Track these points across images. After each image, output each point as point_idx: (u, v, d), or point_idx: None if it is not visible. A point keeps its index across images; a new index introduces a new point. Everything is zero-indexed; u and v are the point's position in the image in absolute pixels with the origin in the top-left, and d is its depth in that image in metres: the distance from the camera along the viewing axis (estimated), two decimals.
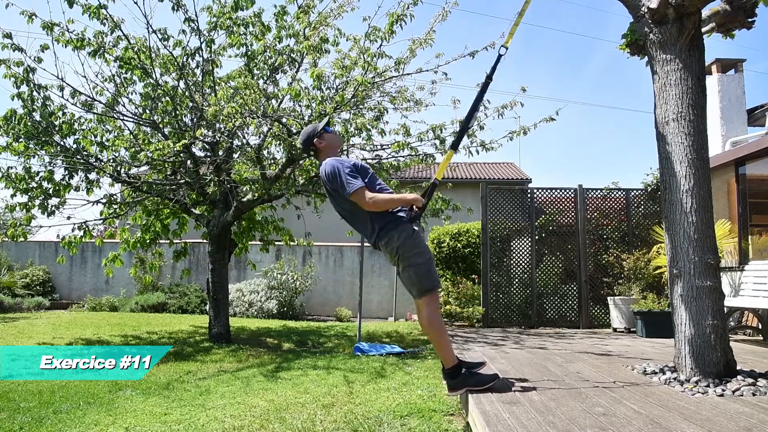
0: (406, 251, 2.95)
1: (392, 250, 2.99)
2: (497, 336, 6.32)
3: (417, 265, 2.94)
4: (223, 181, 6.32)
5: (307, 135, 3.25)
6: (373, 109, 6.45)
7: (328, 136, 3.23)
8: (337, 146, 3.25)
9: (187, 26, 6.16)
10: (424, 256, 2.97)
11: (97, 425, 3.04)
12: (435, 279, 2.98)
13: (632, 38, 4.13)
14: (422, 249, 2.99)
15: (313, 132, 3.23)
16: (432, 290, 2.96)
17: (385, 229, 2.98)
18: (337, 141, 3.28)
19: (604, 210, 7.87)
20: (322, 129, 3.21)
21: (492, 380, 3.00)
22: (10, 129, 6.16)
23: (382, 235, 2.99)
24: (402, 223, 2.98)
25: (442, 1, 17.91)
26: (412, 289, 3.01)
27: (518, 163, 23.27)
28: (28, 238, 6.78)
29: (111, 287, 12.24)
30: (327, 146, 3.21)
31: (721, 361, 3.33)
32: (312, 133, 3.23)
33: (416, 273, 2.95)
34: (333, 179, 3.03)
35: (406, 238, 2.95)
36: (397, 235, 2.95)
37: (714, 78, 8.80)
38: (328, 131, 3.24)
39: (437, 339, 3.00)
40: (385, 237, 2.99)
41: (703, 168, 3.54)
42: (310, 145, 3.25)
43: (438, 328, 2.97)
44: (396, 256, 3.00)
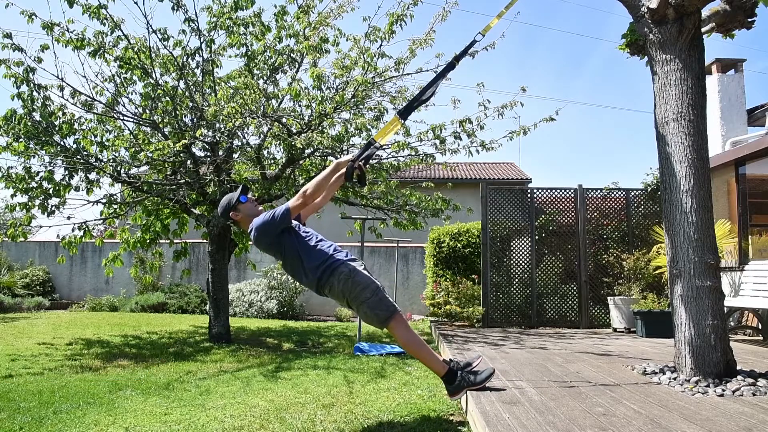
0: (350, 292, 2.95)
1: (338, 294, 3.01)
2: (497, 336, 6.32)
3: (366, 300, 2.94)
4: (223, 181, 6.32)
5: (224, 208, 3.19)
6: (373, 109, 6.45)
7: (243, 206, 3.15)
8: (255, 214, 3.14)
9: (187, 26, 6.17)
10: (369, 289, 2.95)
11: (97, 425, 3.04)
12: (388, 305, 2.96)
13: (632, 38, 4.14)
14: (366, 283, 2.96)
15: (228, 205, 3.16)
16: (391, 316, 2.94)
17: (323, 278, 2.98)
18: (254, 210, 3.17)
19: (604, 210, 7.87)
20: (237, 201, 3.15)
21: (489, 376, 3.02)
22: (10, 129, 6.16)
23: (323, 285, 3.01)
24: (336, 267, 2.97)
25: (442, 1, 17.90)
26: (373, 323, 3.02)
27: (518, 163, 23.30)
28: (28, 238, 6.78)
29: (111, 287, 12.24)
30: (244, 216, 3.15)
31: (721, 361, 3.34)
32: (227, 207, 3.17)
33: (368, 307, 2.95)
34: (265, 230, 2.99)
35: (345, 281, 2.95)
36: (336, 280, 2.96)
37: (714, 78, 8.80)
38: (243, 201, 3.16)
39: (419, 356, 3.02)
40: (326, 285, 3.00)
41: (703, 168, 3.54)
42: (227, 219, 3.23)
43: (416, 346, 2.98)
44: (344, 299, 3.02)
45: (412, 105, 3.38)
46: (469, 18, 55.27)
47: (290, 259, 3.04)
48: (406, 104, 3.42)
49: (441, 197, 7.22)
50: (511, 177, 17.53)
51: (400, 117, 3.26)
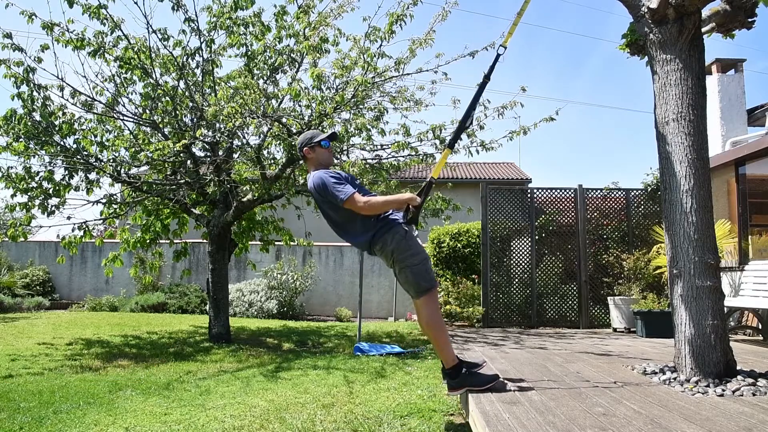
0: (401, 253, 2.96)
1: (387, 253, 3.01)
2: (497, 336, 6.32)
3: (413, 265, 2.95)
4: (223, 181, 6.32)
5: (302, 140, 3.23)
6: (373, 109, 6.45)
7: (321, 150, 3.19)
8: (327, 163, 3.17)
9: (187, 26, 6.17)
10: (419, 257, 2.98)
11: (97, 425, 3.04)
12: (432, 278, 2.99)
13: (632, 38, 4.13)
14: (417, 250, 2.99)
15: (308, 140, 3.20)
16: (430, 290, 2.96)
17: (378, 234, 2.98)
18: (328, 158, 3.21)
19: (604, 210, 7.87)
20: (317, 141, 3.18)
21: (492, 380, 3.00)
22: (10, 129, 6.16)
23: (376, 240, 3.00)
24: (394, 226, 2.99)
25: (442, 1, 17.91)
26: (410, 290, 3.02)
27: (518, 163, 23.29)
28: (28, 238, 6.79)
29: (111, 287, 12.24)
30: (315, 159, 3.18)
31: (721, 361, 3.33)
32: (305, 141, 3.20)
33: (413, 273, 2.96)
34: (323, 191, 3.03)
35: (399, 240, 2.96)
36: (390, 237, 2.97)
37: (714, 78, 8.80)
38: (324, 145, 3.19)
39: (437, 339, 3.00)
40: (379, 242, 3.00)
41: (703, 168, 3.54)
42: (300, 150, 3.25)
43: (438, 328, 2.97)
44: (391, 258, 3.02)
45: (458, 134, 3.42)
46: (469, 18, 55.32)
47: (347, 213, 3.02)
48: (452, 136, 3.46)
49: (441, 197, 7.21)
50: (511, 177, 17.53)
51: (449, 148, 3.35)
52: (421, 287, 2.96)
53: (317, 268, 11.55)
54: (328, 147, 3.23)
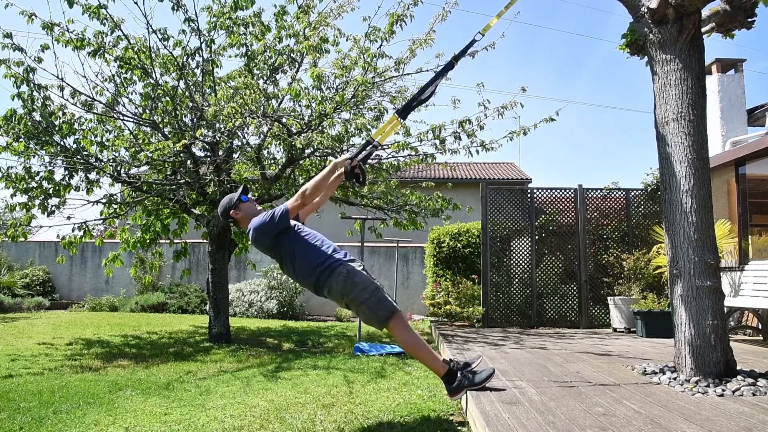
0: (349, 293, 2.94)
1: (337, 296, 3.00)
2: (497, 336, 6.32)
3: (365, 300, 2.93)
4: (223, 181, 6.32)
5: (224, 207, 3.19)
6: (373, 109, 6.45)
7: (244, 205, 3.16)
8: (255, 213, 3.14)
9: (187, 26, 6.17)
10: (368, 290, 2.94)
11: (97, 425, 3.04)
12: (388, 305, 2.95)
13: (632, 38, 4.14)
14: (364, 284, 2.95)
15: (229, 204, 3.17)
16: (391, 316, 2.93)
17: (321, 279, 2.97)
18: (254, 209, 3.18)
19: (604, 210, 7.86)
20: (238, 200, 3.16)
21: (489, 376, 3.01)
22: (10, 129, 6.16)
23: (322, 286, 3.00)
24: (335, 269, 2.95)
25: (442, 1, 17.90)
26: (372, 323, 3.01)
27: (518, 163, 23.29)
28: (28, 238, 6.78)
29: (111, 287, 12.24)
30: (244, 216, 3.15)
31: (721, 361, 3.34)
32: (228, 206, 3.17)
33: (368, 307, 2.94)
34: (263, 229, 2.99)
35: (344, 282, 2.93)
36: (334, 282, 2.95)
37: (714, 78, 8.80)
38: (244, 200, 3.17)
39: (419, 356, 3.01)
40: (326, 287, 2.99)
41: (703, 168, 3.54)
42: (228, 218, 3.21)
43: (415, 346, 2.96)
44: (343, 300, 3.01)
45: (411, 104, 3.38)
46: (469, 18, 55.31)
47: (289, 260, 3.03)
48: (405, 103, 3.42)
49: (441, 197, 7.22)
50: (511, 177, 17.53)
51: (399, 116, 3.26)
52: (381, 317, 2.94)
53: None
54: (248, 200, 3.20)
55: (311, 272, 2.99)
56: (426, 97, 3.34)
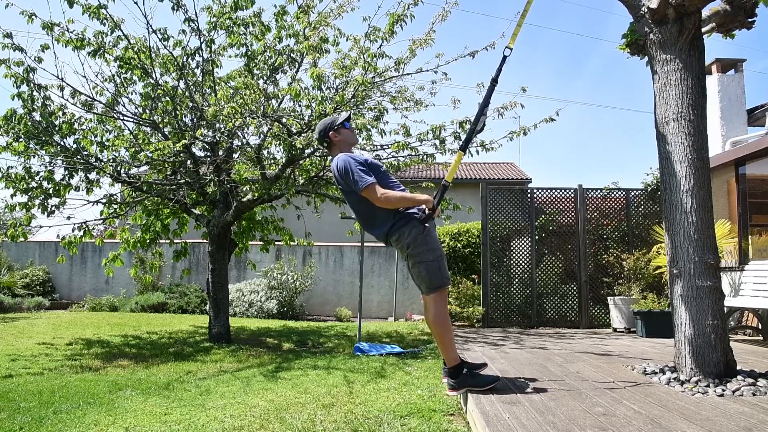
0: (417, 247, 2.95)
1: (403, 246, 3.00)
2: (497, 336, 6.31)
3: (427, 261, 2.95)
4: (223, 181, 6.32)
5: (325, 126, 3.22)
6: (373, 109, 6.45)
7: (345, 131, 3.20)
8: (353, 143, 3.21)
9: (187, 26, 6.17)
10: (434, 253, 2.97)
11: (97, 425, 3.04)
12: (445, 276, 2.98)
13: (632, 38, 4.13)
14: (433, 246, 2.98)
15: (331, 125, 3.19)
16: (441, 287, 2.96)
17: (396, 225, 2.98)
18: (353, 138, 3.24)
19: (604, 210, 7.87)
20: (341, 123, 3.19)
21: (493, 382, 3.01)
22: (10, 129, 6.16)
23: (394, 231, 3.00)
24: (412, 220, 2.98)
25: (442, 1, 17.92)
26: (422, 285, 3.01)
27: (518, 163, 23.30)
28: (28, 238, 6.78)
29: (111, 287, 12.24)
30: (341, 141, 3.19)
31: (721, 361, 3.33)
32: (329, 126, 3.20)
33: (426, 269, 2.95)
34: (345, 175, 3.02)
35: (417, 235, 2.95)
36: (408, 231, 2.96)
37: (714, 78, 8.80)
38: (347, 127, 3.21)
39: (442, 336, 3.00)
40: (397, 233, 3.00)
41: (703, 168, 3.54)
42: (325, 137, 3.21)
43: (444, 326, 2.98)
44: (406, 252, 3.01)
45: (469, 138, 3.41)
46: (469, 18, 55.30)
47: (367, 204, 3.02)
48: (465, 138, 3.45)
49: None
50: (511, 177, 17.53)
51: (462, 150, 3.33)
52: (432, 284, 2.96)
53: (317, 268, 11.55)
54: (350, 127, 3.24)
55: (389, 217, 2.99)
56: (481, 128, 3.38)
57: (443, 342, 3.02)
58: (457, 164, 3.28)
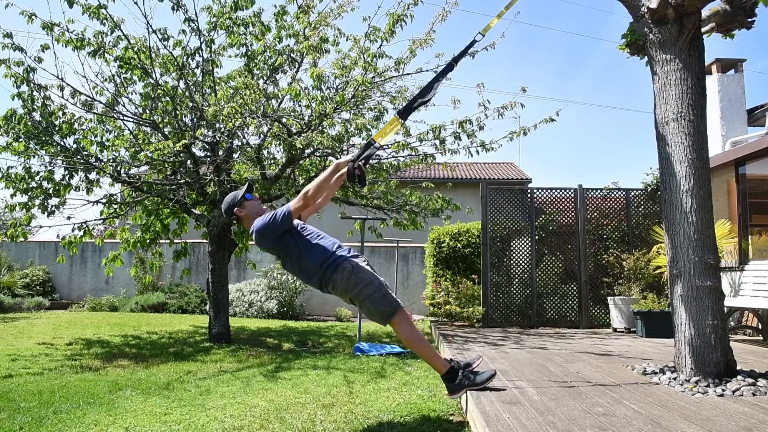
0: (354, 288, 2.95)
1: (341, 291, 3.01)
2: (497, 336, 6.32)
3: (369, 296, 2.94)
4: (223, 181, 6.32)
5: (228, 205, 3.18)
6: (373, 109, 6.45)
7: (249, 203, 3.15)
8: (260, 212, 3.13)
9: (187, 26, 6.16)
10: (372, 285, 2.94)
11: (97, 425, 3.04)
12: (392, 300, 2.96)
13: (632, 38, 4.13)
14: (368, 279, 2.96)
15: (233, 202, 3.16)
16: (394, 312, 2.94)
17: (326, 275, 2.98)
18: (258, 207, 3.17)
19: (604, 210, 7.86)
20: (242, 198, 3.15)
21: (490, 376, 3.02)
22: (10, 129, 6.16)
23: (327, 282, 3.01)
24: (339, 264, 2.96)
25: (442, 1, 17.91)
26: (376, 319, 3.01)
27: (518, 163, 23.29)
28: (28, 238, 6.78)
29: (111, 287, 12.24)
30: (248, 214, 3.14)
31: (721, 361, 3.34)
32: (232, 204, 3.16)
33: (372, 303, 2.94)
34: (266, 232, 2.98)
35: (348, 277, 2.94)
36: (339, 276, 2.95)
37: (714, 78, 8.80)
38: (249, 198, 3.16)
39: (422, 352, 3.01)
40: (330, 282, 3.00)
41: (703, 168, 3.54)
42: (231, 215, 3.20)
43: (418, 343, 2.97)
44: (347, 295, 3.02)
45: (411, 105, 3.37)
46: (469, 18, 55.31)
47: (293, 259, 3.03)
48: (406, 104, 3.42)
49: (441, 197, 7.21)
50: (511, 177, 17.53)
51: (400, 117, 3.25)
52: (384, 313, 2.95)
53: None
54: (252, 198, 3.19)
55: (316, 270, 2.99)
56: (427, 99, 3.33)
57: (425, 356, 3.03)
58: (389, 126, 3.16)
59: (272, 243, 3.05)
